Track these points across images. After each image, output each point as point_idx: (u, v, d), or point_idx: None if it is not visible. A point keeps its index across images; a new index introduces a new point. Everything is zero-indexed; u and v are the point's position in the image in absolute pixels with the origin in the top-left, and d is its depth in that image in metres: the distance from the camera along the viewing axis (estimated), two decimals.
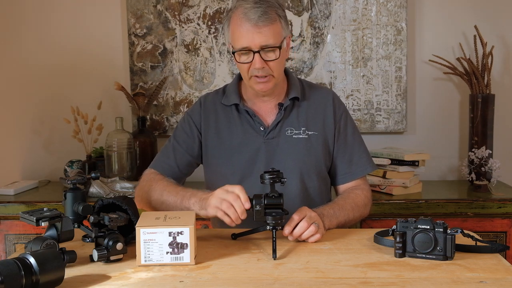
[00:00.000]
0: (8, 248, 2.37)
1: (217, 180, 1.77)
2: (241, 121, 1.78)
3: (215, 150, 1.79)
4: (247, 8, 1.62)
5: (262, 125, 1.76)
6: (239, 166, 1.75)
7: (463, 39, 2.69)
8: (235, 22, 1.65)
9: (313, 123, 1.78)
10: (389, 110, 2.71)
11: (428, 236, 1.36)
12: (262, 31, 1.61)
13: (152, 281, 1.26)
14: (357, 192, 1.76)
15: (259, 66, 1.64)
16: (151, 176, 1.77)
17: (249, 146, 1.76)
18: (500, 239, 2.31)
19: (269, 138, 1.76)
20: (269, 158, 1.74)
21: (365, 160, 1.82)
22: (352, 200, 1.72)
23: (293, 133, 1.77)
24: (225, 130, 1.79)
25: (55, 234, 1.37)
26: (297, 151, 1.75)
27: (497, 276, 1.26)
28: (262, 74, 1.66)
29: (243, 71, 1.69)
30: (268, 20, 1.61)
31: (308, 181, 1.76)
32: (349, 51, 2.70)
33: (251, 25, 1.61)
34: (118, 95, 2.71)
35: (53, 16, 2.78)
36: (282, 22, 1.66)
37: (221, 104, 1.82)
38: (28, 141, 2.84)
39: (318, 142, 1.77)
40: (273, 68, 1.66)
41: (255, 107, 1.79)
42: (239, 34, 1.64)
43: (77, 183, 1.48)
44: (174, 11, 2.72)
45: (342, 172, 1.80)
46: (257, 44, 1.62)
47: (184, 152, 1.80)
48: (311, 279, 1.26)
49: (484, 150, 2.47)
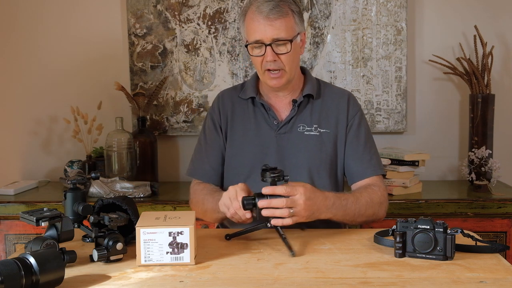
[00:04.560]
0: (8, 248, 2.37)
1: (229, 170, 1.81)
2: (255, 114, 1.81)
3: (228, 141, 1.82)
4: (260, 2, 1.67)
5: (276, 119, 1.78)
6: (250, 158, 1.77)
7: (463, 39, 2.69)
8: (249, 17, 1.69)
9: (325, 121, 1.79)
10: (389, 110, 2.71)
11: (428, 236, 1.36)
12: (274, 24, 1.65)
13: (152, 281, 1.26)
14: (374, 188, 1.72)
15: (270, 58, 1.66)
16: (194, 188, 1.83)
17: (260, 139, 1.78)
18: (500, 239, 2.31)
19: (281, 133, 1.77)
20: (279, 152, 1.76)
21: (377, 161, 1.80)
22: (368, 195, 1.68)
23: (305, 129, 1.77)
24: (239, 122, 1.82)
25: (55, 234, 1.37)
26: (307, 148, 1.76)
27: (497, 276, 1.26)
28: (274, 68, 1.68)
29: (257, 65, 1.72)
30: (280, 13, 1.65)
31: (317, 178, 1.75)
32: (349, 51, 2.70)
33: (263, 17, 1.65)
34: (118, 95, 2.71)
35: (53, 16, 2.78)
36: (295, 17, 1.69)
37: (238, 98, 1.85)
38: (28, 141, 2.84)
39: (329, 140, 1.77)
40: (285, 62, 1.68)
41: (270, 102, 1.81)
42: (252, 28, 1.68)
43: (77, 183, 1.48)
44: (174, 11, 2.72)
45: (355, 170, 1.78)
46: (268, 36, 1.65)
47: (215, 152, 1.83)
48: (311, 279, 1.26)
49: (484, 150, 2.47)
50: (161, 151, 2.75)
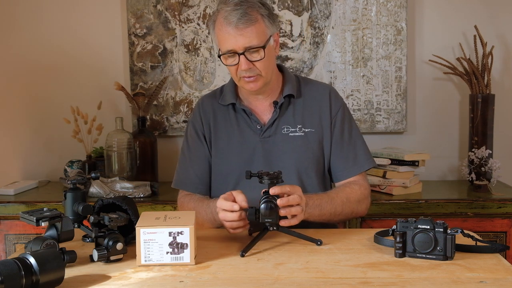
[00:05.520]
0: (8, 248, 2.37)
1: (216, 179, 1.79)
2: (237, 121, 1.79)
3: (213, 149, 1.80)
4: (227, 11, 1.63)
5: (259, 123, 1.77)
6: (237, 165, 1.75)
7: (463, 39, 2.69)
8: (218, 26, 1.66)
9: (309, 120, 1.77)
10: (389, 110, 2.71)
11: (428, 236, 1.36)
12: (244, 33, 1.62)
13: (152, 281, 1.26)
14: (353, 187, 1.73)
15: (245, 67, 1.64)
16: (181, 200, 1.82)
17: (246, 145, 1.76)
18: (500, 239, 2.31)
19: (266, 137, 1.76)
20: (266, 156, 1.75)
21: (362, 156, 1.79)
22: (344, 194, 1.69)
23: (289, 131, 1.76)
24: (222, 130, 1.80)
25: (55, 234, 1.37)
26: (294, 149, 1.75)
27: (497, 276, 1.26)
28: (250, 75, 1.66)
29: (232, 73, 1.71)
30: (249, 21, 1.61)
31: (306, 178, 1.75)
32: (349, 51, 2.70)
33: (232, 28, 1.62)
34: (118, 95, 2.71)
35: (53, 16, 2.78)
36: (265, 20, 1.66)
37: (219, 104, 1.83)
38: (28, 141, 2.84)
39: (315, 139, 1.76)
40: (260, 67, 1.66)
41: (251, 106, 1.80)
42: (223, 38, 1.65)
43: (77, 183, 1.48)
44: (174, 11, 2.72)
45: (339, 169, 1.78)
46: (240, 46, 1.63)
47: (199, 160, 1.81)
48: (311, 279, 1.26)
49: (484, 150, 2.47)
50: (161, 151, 2.74)
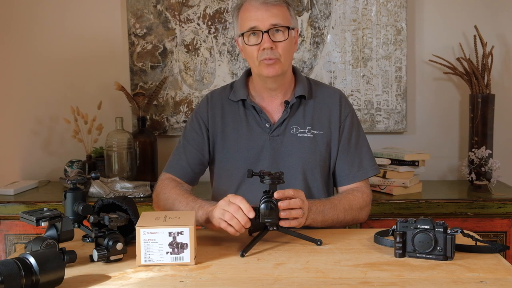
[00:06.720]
0: (8, 248, 2.37)
1: (221, 176, 1.79)
2: (246, 118, 1.79)
3: (219, 145, 1.80)
4: None
5: (268, 122, 1.76)
6: (243, 163, 1.75)
7: (463, 39, 2.69)
8: (245, 7, 1.69)
9: (319, 122, 1.78)
10: (389, 110, 2.71)
11: (428, 236, 1.36)
12: (271, 10, 1.65)
13: (152, 281, 1.26)
14: (356, 194, 1.73)
15: (268, 45, 1.65)
16: (165, 182, 1.77)
17: (253, 142, 1.76)
18: (500, 239, 2.31)
19: (274, 136, 1.76)
20: (273, 155, 1.74)
21: (367, 163, 1.79)
22: (347, 201, 1.70)
23: (298, 131, 1.76)
24: (230, 126, 1.79)
25: (55, 234, 1.37)
26: (301, 150, 1.75)
27: (497, 276, 1.26)
28: (271, 56, 1.66)
29: (252, 55, 1.69)
30: (277, 1, 1.66)
31: (312, 180, 1.76)
32: (349, 51, 2.70)
33: (260, 3, 1.65)
34: (118, 95, 2.71)
35: (52, 16, 2.78)
36: (291, 10, 1.71)
37: (228, 99, 1.82)
38: (28, 141, 2.84)
39: (323, 142, 1.77)
40: (281, 51, 1.67)
41: (262, 103, 1.79)
42: (249, 16, 1.67)
43: (77, 183, 1.48)
44: (174, 11, 2.72)
45: (343, 174, 1.79)
46: (266, 22, 1.65)
47: (195, 150, 1.81)
48: (311, 279, 1.26)
49: (484, 150, 2.47)
50: (161, 151, 2.74)
